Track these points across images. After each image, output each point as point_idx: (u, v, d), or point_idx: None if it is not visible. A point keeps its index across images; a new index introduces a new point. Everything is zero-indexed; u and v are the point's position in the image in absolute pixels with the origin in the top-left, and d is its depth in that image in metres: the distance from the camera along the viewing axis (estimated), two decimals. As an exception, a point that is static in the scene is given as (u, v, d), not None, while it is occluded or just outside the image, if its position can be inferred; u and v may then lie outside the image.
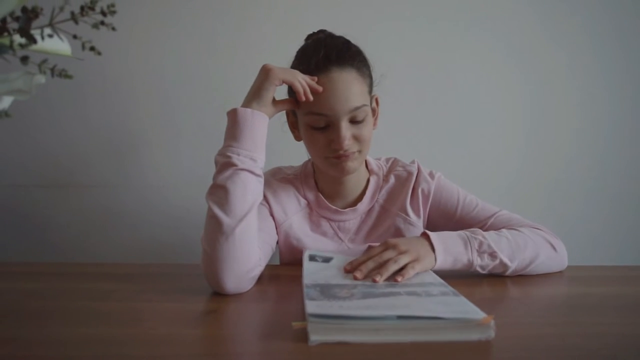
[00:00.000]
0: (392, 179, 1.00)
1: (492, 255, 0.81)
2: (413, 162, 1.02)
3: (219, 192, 0.77)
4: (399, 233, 0.97)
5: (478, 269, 0.81)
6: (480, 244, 0.81)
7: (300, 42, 0.96)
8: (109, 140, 1.40)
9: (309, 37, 0.96)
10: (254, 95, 0.82)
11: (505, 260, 0.82)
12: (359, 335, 0.54)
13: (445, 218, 0.98)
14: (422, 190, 0.97)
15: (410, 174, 0.99)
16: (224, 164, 0.78)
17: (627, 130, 1.43)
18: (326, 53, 0.85)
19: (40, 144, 1.39)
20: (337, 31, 0.95)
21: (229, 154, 0.78)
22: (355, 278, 0.73)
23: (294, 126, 0.95)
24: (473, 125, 1.42)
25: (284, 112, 0.94)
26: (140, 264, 1.05)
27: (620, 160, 1.44)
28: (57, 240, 1.40)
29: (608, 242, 1.44)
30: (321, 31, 0.95)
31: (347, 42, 0.91)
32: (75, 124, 1.39)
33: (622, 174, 1.44)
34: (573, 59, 1.42)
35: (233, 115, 0.81)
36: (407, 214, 0.97)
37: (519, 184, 1.43)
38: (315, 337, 0.53)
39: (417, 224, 0.97)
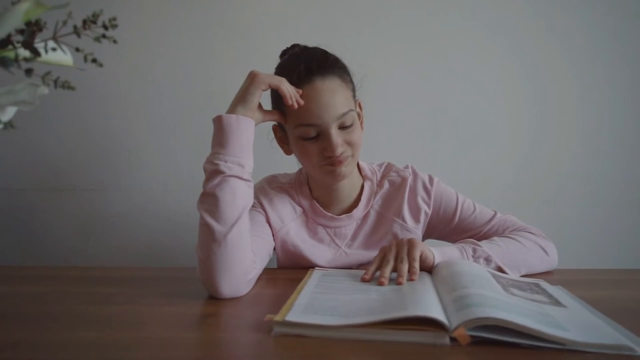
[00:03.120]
0: (386, 185, 1.01)
1: (487, 259, 0.84)
2: (407, 166, 1.03)
3: (209, 200, 0.77)
4: (395, 239, 0.97)
5: None
6: (474, 250, 0.85)
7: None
8: (107, 144, 1.41)
9: (284, 52, 0.96)
10: (239, 100, 0.83)
11: (500, 264, 0.84)
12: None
13: (443, 224, 1.00)
14: (422, 198, 0.98)
15: (404, 179, 1.00)
16: (212, 172, 0.78)
17: (626, 133, 1.45)
18: (306, 65, 0.87)
19: (39, 147, 1.40)
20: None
21: (216, 161, 0.79)
22: (382, 284, 0.73)
23: (282, 141, 0.96)
24: (471, 127, 1.43)
25: (271, 128, 0.96)
26: (139, 267, 1.06)
27: (619, 163, 1.45)
28: (56, 243, 1.41)
29: (605, 245, 1.45)
30: (294, 46, 0.96)
31: (324, 51, 0.92)
32: (73, 128, 1.40)
33: (620, 176, 1.45)
34: (572, 60, 1.43)
35: (218, 122, 0.81)
36: (404, 220, 0.98)
37: (516, 187, 1.44)
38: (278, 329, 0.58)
39: (414, 230, 0.99)
